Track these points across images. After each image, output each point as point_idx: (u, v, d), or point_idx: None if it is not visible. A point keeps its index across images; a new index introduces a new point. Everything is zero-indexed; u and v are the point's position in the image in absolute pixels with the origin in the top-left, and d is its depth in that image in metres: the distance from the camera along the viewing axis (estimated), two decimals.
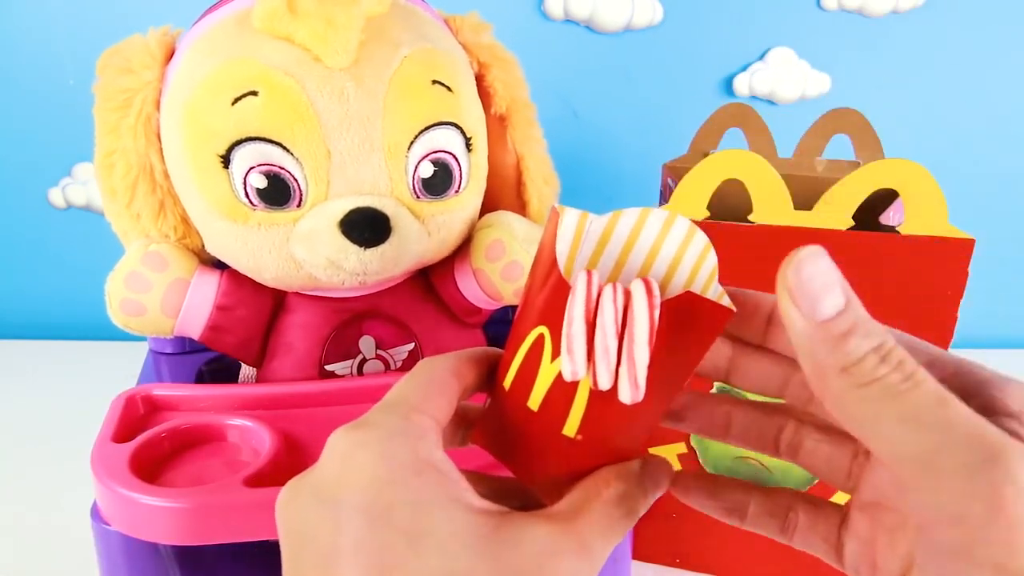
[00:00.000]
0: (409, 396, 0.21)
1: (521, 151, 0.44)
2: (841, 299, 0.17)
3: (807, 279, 0.17)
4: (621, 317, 0.19)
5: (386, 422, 0.20)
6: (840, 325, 0.17)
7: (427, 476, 0.19)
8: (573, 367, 0.20)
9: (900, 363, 0.17)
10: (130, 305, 0.38)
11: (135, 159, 0.38)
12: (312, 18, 0.34)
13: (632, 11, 0.71)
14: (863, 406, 0.17)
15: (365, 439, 0.20)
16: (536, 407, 0.22)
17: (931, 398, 0.17)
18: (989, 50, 0.74)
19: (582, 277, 0.20)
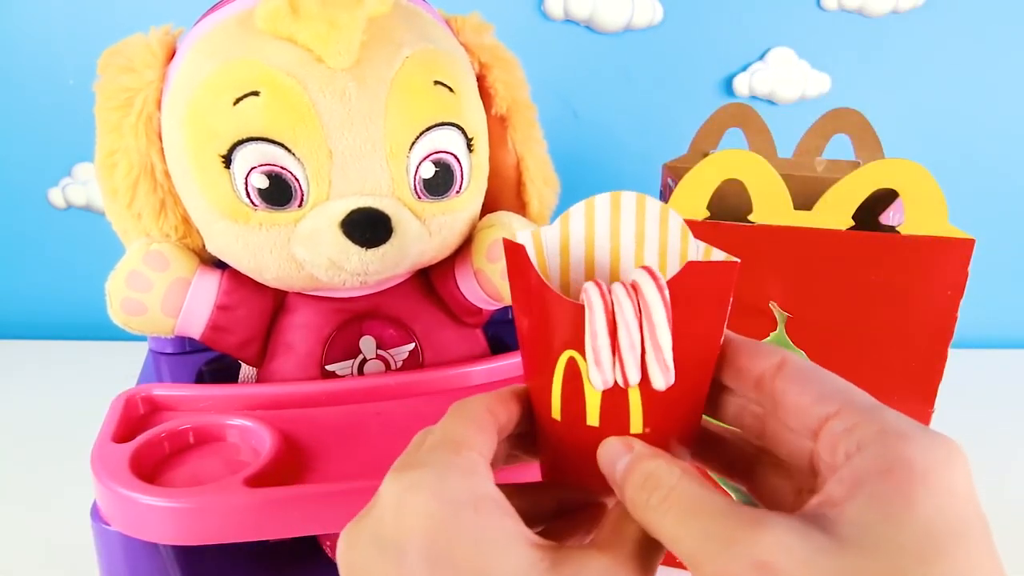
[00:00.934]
0: (453, 434, 0.21)
1: (521, 152, 0.44)
2: (625, 462, 0.21)
3: (603, 457, 0.22)
4: (638, 308, 0.20)
5: (436, 459, 0.20)
6: (630, 480, 0.20)
7: (485, 511, 0.19)
8: (603, 376, 0.20)
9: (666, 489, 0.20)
10: (131, 304, 0.38)
11: (136, 158, 0.38)
12: (314, 19, 0.34)
13: (632, 11, 0.71)
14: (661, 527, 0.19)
15: (418, 480, 0.20)
16: (597, 423, 0.22)
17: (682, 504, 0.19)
18: (989, 50, 0.74)
19: (593, 290, 0.20)
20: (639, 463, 0.20)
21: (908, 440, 0.18)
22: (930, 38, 0.74)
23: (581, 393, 0.22)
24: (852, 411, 0.19)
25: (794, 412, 0.21)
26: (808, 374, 0.21)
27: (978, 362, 0.72)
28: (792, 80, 0.74)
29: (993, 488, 0.55)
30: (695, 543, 0.18)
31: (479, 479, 0.20)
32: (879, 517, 0.17)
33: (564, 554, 0.19)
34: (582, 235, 0.23)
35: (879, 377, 0.37)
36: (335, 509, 0.31)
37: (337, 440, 0.36)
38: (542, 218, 0.46)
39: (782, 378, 0.21)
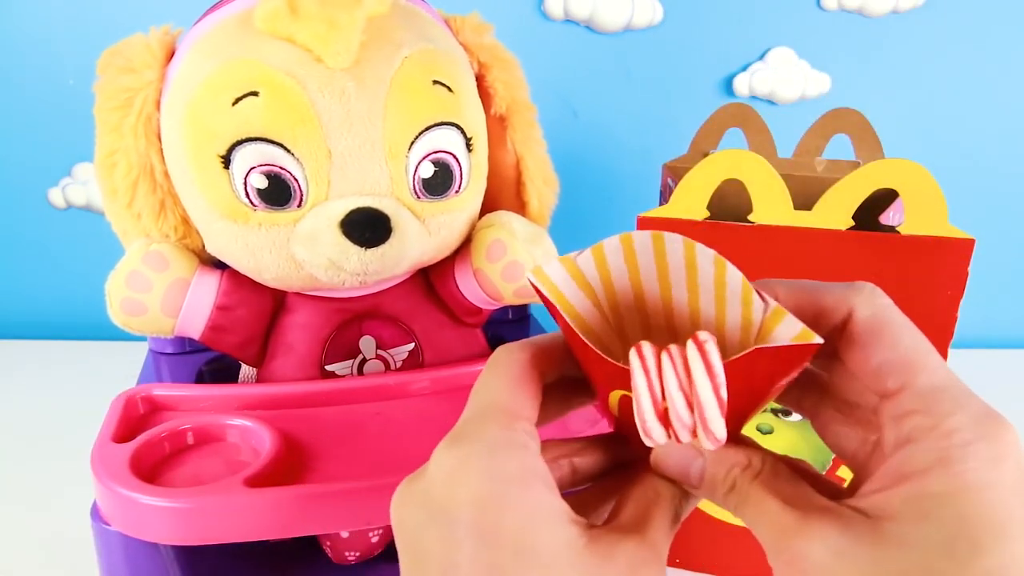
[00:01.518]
0: (500, 399, 0.22)
1: (521, 151, 0.44)
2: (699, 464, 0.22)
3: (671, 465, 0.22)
4: (687, 384, 0.19)
5: (487, 435, 0.21)
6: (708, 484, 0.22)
7: (533, 490, 0.20)
8: (654, 441, 0.21)
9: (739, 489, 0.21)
10: (130, 304, 0.38)
11: (136, 159, 0.38)
12: (313, 19, 0.34)
13: (632, 11, 0.71)
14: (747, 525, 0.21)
15: (468, 455, 0.20)
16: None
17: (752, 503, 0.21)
18: (989, 50, 0.74)
19: (637, 367, 0.20)
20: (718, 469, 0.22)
21: (957, 438, 0.18)
22: (930, 38, 0.74)
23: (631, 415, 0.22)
24: (908, 396, 0.19)
25: (857, 376, 0.21)
26: (873, 335, 0.20)
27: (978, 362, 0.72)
28: (792, 80, 0.74)
29: None
30: (761, 538, 0.20)
31: (527, 455, 0.20)
32: (915, 515, 0.17)
33: (597, 535, 0.20)
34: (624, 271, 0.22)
35: None
36: (335, 509, 0.31)
37: (337, 440, 0.36)
38: (542, 218, 0.46)
39: (845, 338, 0.21)
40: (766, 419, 0.40)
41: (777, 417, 0.39)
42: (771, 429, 0.40)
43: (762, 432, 0.40)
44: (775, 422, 0.39)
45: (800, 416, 0.38)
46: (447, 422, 0.38)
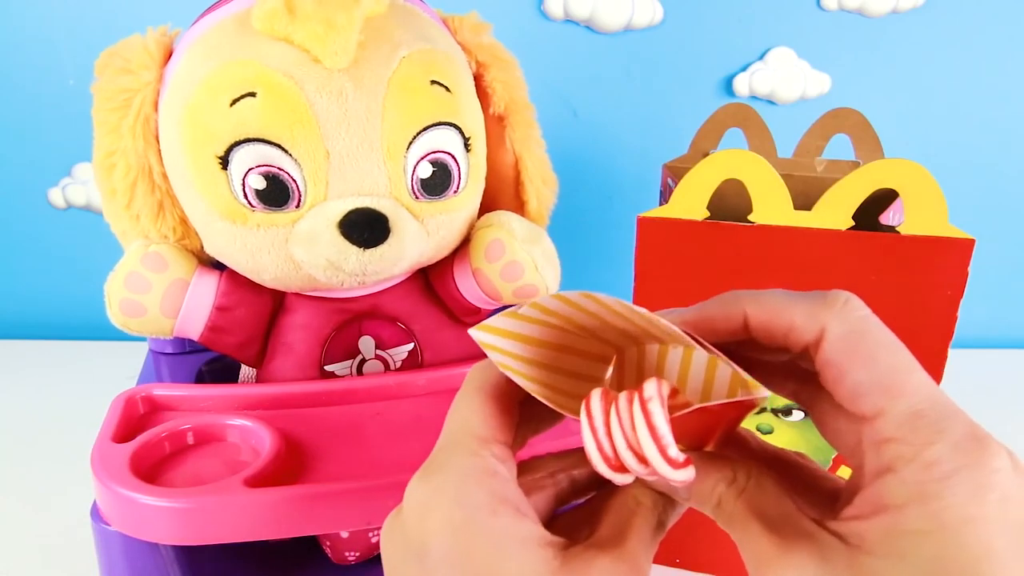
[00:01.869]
0: (471, 424, 0.21)
1: (519, 151, 0.44)
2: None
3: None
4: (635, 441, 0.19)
5: (456, 464, 0.21)
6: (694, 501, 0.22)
7: (501, 516, 0.20)
8: (620, 482, 0.20)
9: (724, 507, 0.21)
10: (129, 306, 0.38)
11: (134, 160, 0.38)
12: (311, 19, 0.34)
13: (632, 11, 0.71)
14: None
15: (440, 485, 0.20)
16: None
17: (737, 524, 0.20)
18: (989, 50, 0.74)
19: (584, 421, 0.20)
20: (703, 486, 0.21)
21: (935, 470, 0.17)
22: (930, 38, 0.74)
23: None
24: (887, 423, 0.18)
25: (836, 392, 0.20)
26: (846, 354, 0.19)
27: (978, 362, 0.72)
28: (792, 80, 0.74)
29: None
30: (745, 556, 0.20)
31: (496, 481, 0.20)
32: (895, 553, 0.17)
33: (571, 555, 0.20)
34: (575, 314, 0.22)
35: None
36: (335, 509, 0.31)
37: (337, 440, 0.36)
38: (540, 217, 0.46)
39: (820, 357, 0.20)
40: (766, 419, 0.40)
41: (777, 417, 0.39)
42: (771, 429, 0.40)
43: (762, 432, 0.40)
44: (775, 422, 0.39)
45: (801, 416, 0.38)
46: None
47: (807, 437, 0.39)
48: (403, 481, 0.32)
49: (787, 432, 0.39)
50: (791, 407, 0.39)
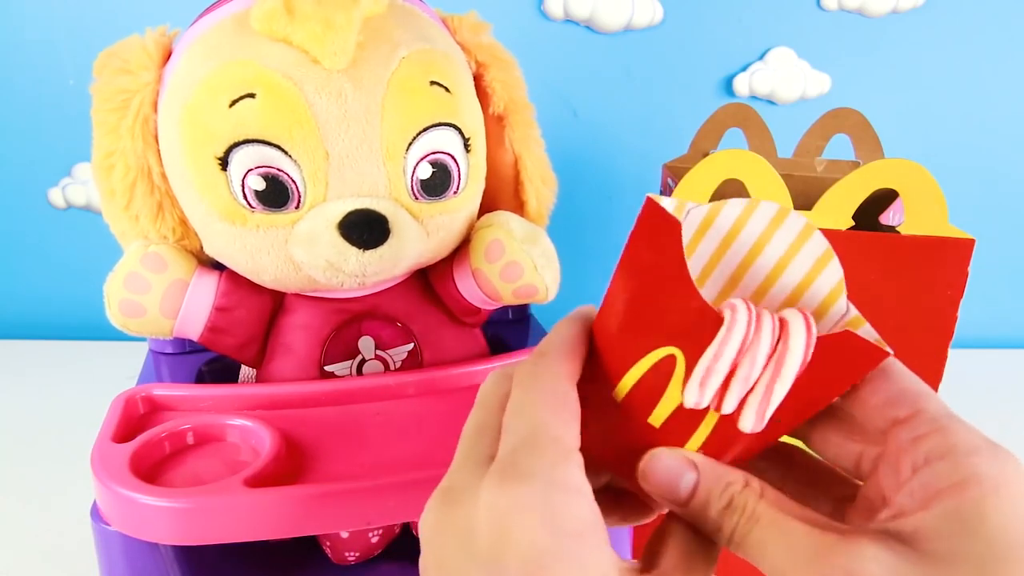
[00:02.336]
0: (551, 426, 0.20)
1: (519, 151, 0.44)
2: (691, 479, 0.21)
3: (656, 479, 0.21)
4: (773, 351, 0.19)
5: (543, 473, 0.19)
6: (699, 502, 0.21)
7: (587, 540, 0.19)
8: (699, 399, 0.20)
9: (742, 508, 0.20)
10: (129, 306, 0.38)
11: (133, 160, 0.38)
12: (310, 20, 0.34)
13: (632, 11, 0.71)
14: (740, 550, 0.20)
15: (526, 501, 0.19)
16: (659, 424, 0.21)
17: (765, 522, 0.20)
18: (989, 50, 0.74)
19: (743, 312, 0.19)
20: (714, 486, 0.21)
21: (977, 455, 0.18)
22: (930, 38, 0.74)
23: (660, 390, 0.21)
24: (922, 420, 0.19)
25: (861, 409, 0.21)
26: (878, 372, 0.20)
27: (978, 362, 0.72)
28: (792, 80, 0.74)
29: None
30: (782, 559, 0.19)
31: (584, 502, 0.20)
32: (956, 530, 0.17)
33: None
34: (724, 231, 0.21)
35: None
36: (335, 509, 0.32)
37: (337, 440, 0.36)
38: (540, 217, 0.46)
39: None
40: None
41: None
42: None
43: None
44: None
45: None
46: (446, 423, 0.38)
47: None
48: (403, 481, 0.32)
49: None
50: None
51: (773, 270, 0.21)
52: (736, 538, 0.20)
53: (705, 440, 0.21)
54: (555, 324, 0.24)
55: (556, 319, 0.23)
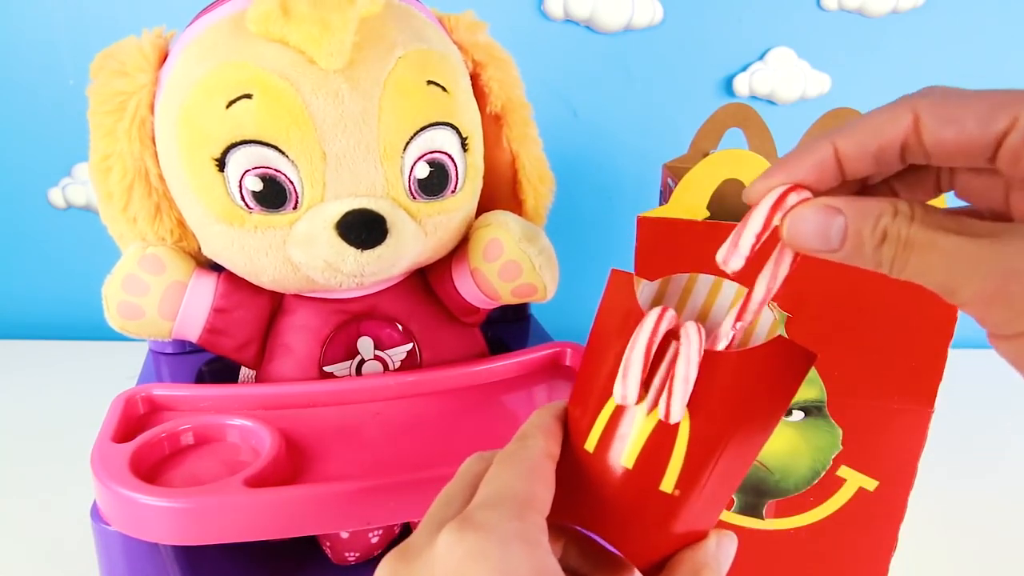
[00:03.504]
0: (517, 490, 0.21)
1: (516, 150, 0.44)
2: (840, 225, 0.20)
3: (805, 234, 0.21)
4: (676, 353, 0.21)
5: (500, 525, 0.20)
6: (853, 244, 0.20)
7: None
8: (624, 392, 0.21)
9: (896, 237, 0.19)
10: (127, 308, 0.38)
11: (131, 163, 0.38)
12: (306, 21, 0.34)
13: (632, 11, 0.71)
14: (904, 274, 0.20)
15: (482, 548, 0.19)
16: (632, 464, 0.22)
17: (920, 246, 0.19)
18: (989, 50, 0.74)
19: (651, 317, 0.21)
20: (863, 223, 0.20)
21: None
22: (930, 38, 0.74)
23: (628, 428, 0.22)
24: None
25: (958, 153, 0.19)
26: (953, 103, 0.19)
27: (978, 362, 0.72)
28: (792, 80, 0.74)
29: (993, 487, 0.55)
30: (944, 276, 0.19)
31: (541, 552, 0.20)
32: None
33: None
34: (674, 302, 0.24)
35: (879, 377, 0.37)
36: (335, 509, 0.32)
37: (337, 440, 0.36)
38: (537, 216, 0.46)
39: (926, 131, 0.19)
40: None
41: None
42: None
43: None
44: None
45: (801, 416, 0.38)
46: (445, 422, 0.38)
47: (807, 437, 0.39)
48: (403, 481, 0.32)
49: (787, 432, 0.39)
50: (791, 407, 0.39)
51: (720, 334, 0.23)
52: (896, 268, 0.20)
53: (677, 480, 0.22)
54: (534, 412, 0.25)
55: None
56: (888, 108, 0.20)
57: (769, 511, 0.41)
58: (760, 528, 0.41)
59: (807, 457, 0.39)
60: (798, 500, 0.40)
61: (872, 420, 0.38)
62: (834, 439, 0.39)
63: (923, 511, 0.40)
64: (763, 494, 0.41)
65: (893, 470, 0.38)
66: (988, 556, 0.48)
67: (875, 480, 0.39)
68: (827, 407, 0.38)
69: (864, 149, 0.20)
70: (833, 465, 0.39)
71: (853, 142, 0.20)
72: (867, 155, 0.20)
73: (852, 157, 0.21)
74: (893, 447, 0.38)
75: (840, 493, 0.40)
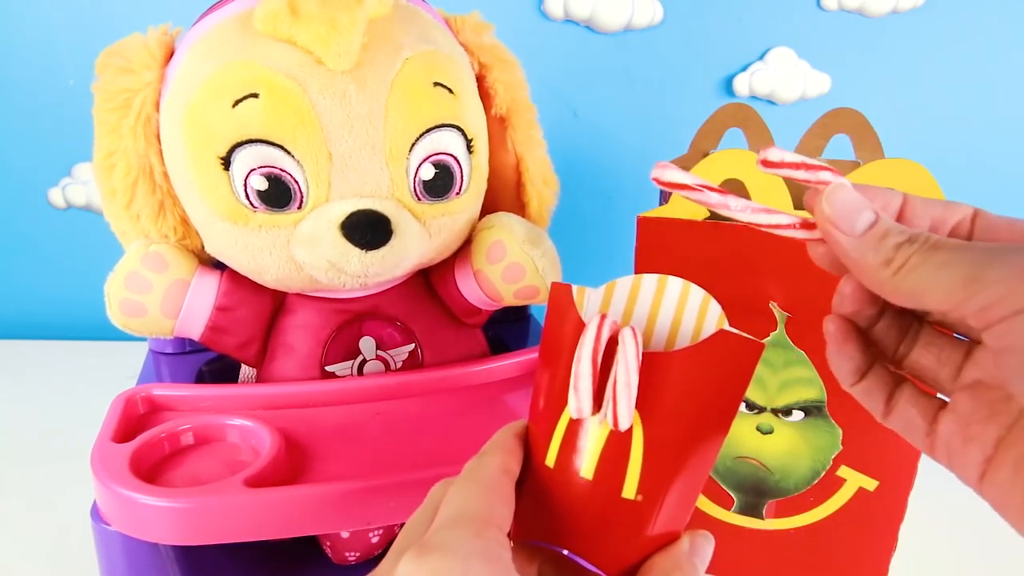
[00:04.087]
0: (474, 508, 0.21)
1: (521, 152, 0.44)
2: (871, 215, 0.21)
3: (841, 205, 0.22)
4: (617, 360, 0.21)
5: (459, 543, 0.20)
6: (876, 232, 0.21)
7: None
8: (579, 405, 0.21)
9: (924, 239, 0.20)
10: (130, 306, 0.38)
11: (135, 160, 0.38)
12: (314, 21, 0.34)
13: (632, 11, 0.71)
14: (909, 278, 0.20)
15: (443, 569, 0.19)
16: (592, 475, 0.22)
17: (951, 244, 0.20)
18: (989, 50, 0.74)
19: (591, 327, 0.21)
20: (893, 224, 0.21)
21: None
22: (930, 38, 0.74)
23: (584, 440, 0.22)
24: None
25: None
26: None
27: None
28: (792, 80, 0.74)
29: None
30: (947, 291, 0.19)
31: (503, 568, 0.20)
32: None
33: None
34: (622, 306, 0.24)
35: None
36: (335, 509, 0.32)
37: (337, 440, 0.36)
38: (541, 218, 0.46)
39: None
40: (766, 419, 0.40)
41: (777, 417, 0.39)
42: (771, 429, 0.40)
43: (762, 432, 0.40)
44: (775, 422, 0.39)
45: (801, 416, 0.38)
46: (446, 423, 0.38)
47: (807, 437, 0.39)
48: (403, 481, 0.32)
49: (787, 432, 0.39)
50: (791, 407, 0.39)
51: (670, 332, 0.23)
52: (906, 269, 0.20)
53: (638, 486, 0.22)
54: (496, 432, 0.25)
55: None
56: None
57: (769, 511, 0.41)
58: (760, 528, 0.41)
59: (807, 457, 0.39)
60: (798, 500, 0.40)
61: (872, 420, 0.38)
62: (834, 439, 0.39)
63: (923, 511, 0.40)
64: (763, 494, 0.41)
65: (893, 470, 0.38)
66: (988, 556, 0.48)
67: (875, 480, 0.39)
68: (827, 407, 0.38)
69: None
70: (833, 465, 0.39)
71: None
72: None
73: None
74: (893, 447, 0.38)
75: (840, 493, 0.40)
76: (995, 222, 0.22)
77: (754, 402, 0.39)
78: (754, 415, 0.40)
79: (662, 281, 0.23)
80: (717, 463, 0.41)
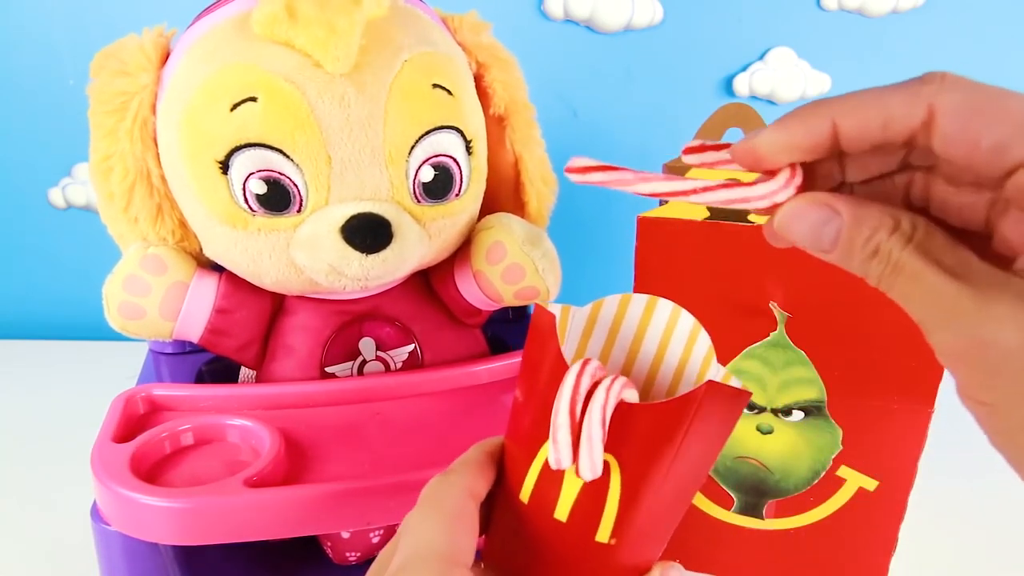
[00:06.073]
0: (438, 545, 0.20)
1: (520, 151, 0.44)
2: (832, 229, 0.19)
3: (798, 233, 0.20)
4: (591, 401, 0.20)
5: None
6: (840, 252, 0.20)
7: None
8: (557, 456, 0.20)
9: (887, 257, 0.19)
10: (128, 308, 0.38)
11: (132, 163, 0.38)
12: (312, 24, 0.34)
13: (632, 11, 0.71)
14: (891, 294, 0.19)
15: None
16: (565, 517, 0.22)
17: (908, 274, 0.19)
18: (989, 50, 0.74)
19: (574, 369, 0.20)
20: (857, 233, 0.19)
21: None
22: (930, 38, 0.74)
23: (558, 482, 0.21)
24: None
25: (973, 158, 0.18)
26: (973, 116, 0.18)
27: None
28: (792, 80, 0.74)
29: (993, 487, 0.55)
30: (922, 313, 0.18)
31: None
32: None
33: None
34: (607, 327, 0.23)
35: (879, 377, 0.37)
36: (335, 509, 0.32)
37: (337, 440, 0.36)
38: (540, 218, 0.46)
39: (937, 135, 0.18)
40: (766, 419, 0.40)
41: (777, 417, 0.39)
42: (771, 429, 0.40)
43: (762, 432, 0.40)
44: (775, 422, 0.39)
45: (800, 415, 0.38)
46: (446, 423, 0.38)
47: (807, 437, 0.39)
48: (403, 482, 0.32)
49: (787, 432, 0.39)
50: (791, 407, 0.39)
51: (655, 357, 0.23)
52: (883, 286, 0.19)
53: (615, 522, 0.21)
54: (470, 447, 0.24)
55: None
56: (901, 94, 0.19)
57: (769, 511, 0.41)
58: (760, 528, 0.42)
59: (807, 457, 0.39)
60: (798, 500, 0.40)
61: (872, 420, 0.38)
62: (834, 439, 0.39)
63: (923, 511, 0.40)
64: (763, 494, 0.41)
65: (893, 470, 0.38)
66: (988, 556, 0.48)
67: (875, 480, 0.39)
68: (827, 407, 0.38)
69: (865, 133, 0.19)
70: (833, 465, 0.39)
71: (855, 122, 0.19)
72: (867, 141, 0.19)
73: (851, 137, 0.19)
74: (893, 447, 0.38)
75: (840, 493, 0.40)
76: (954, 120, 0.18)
77: (754, 402, 0.39)
78: (754, 415, 0.40)
79: (651, 303, 0.22)
80: (717, 463, 0.41)
